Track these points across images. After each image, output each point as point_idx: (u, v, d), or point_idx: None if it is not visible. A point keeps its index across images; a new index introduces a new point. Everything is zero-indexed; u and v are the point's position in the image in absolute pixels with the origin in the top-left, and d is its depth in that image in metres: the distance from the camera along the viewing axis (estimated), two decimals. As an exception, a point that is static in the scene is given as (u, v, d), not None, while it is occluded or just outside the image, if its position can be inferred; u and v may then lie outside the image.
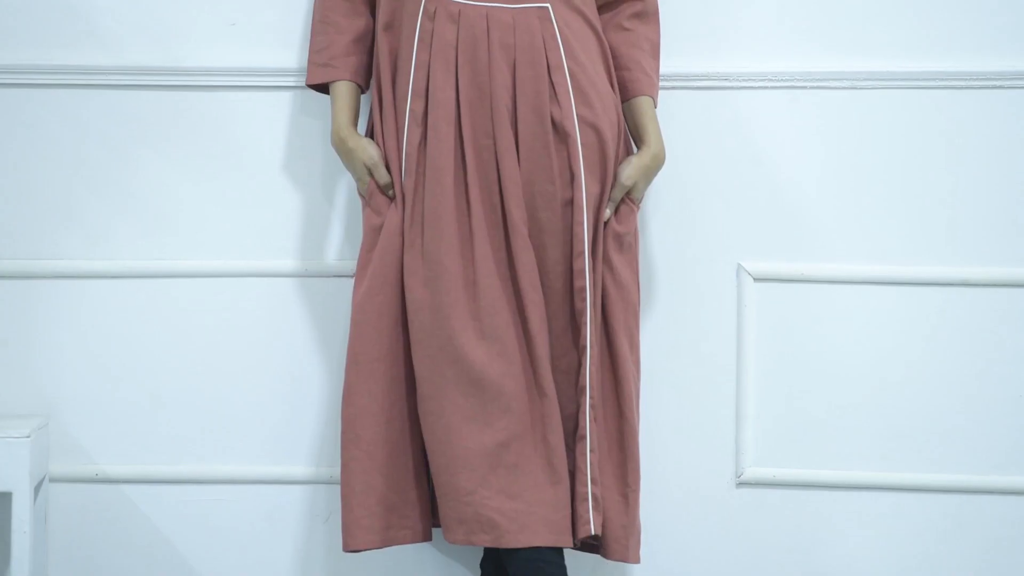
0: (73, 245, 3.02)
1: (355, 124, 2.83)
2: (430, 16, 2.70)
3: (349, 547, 2.73)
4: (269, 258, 3.03)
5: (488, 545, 2.67)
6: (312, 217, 3.03)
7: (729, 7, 3.01)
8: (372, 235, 2.77)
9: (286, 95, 3.00)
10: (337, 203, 3.03)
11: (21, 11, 2.97)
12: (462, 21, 2.69)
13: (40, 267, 3.02)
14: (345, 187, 3.00)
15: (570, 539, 2.71)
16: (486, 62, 2.69)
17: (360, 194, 2.81)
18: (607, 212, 2.76)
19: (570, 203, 2.72)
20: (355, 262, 2.81)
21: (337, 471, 2.86)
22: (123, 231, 3.03)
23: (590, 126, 2.72)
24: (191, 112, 3.01)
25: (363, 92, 2.87)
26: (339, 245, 3.03)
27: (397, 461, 2.75)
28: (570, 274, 2.73)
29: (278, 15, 2.98)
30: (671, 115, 2.93)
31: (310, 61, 2.84)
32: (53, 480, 3.01)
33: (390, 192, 2.75)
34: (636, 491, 2.78)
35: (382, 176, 2.75)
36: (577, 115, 2.71)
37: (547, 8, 2.71)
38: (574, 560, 2.83)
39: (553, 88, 2.71)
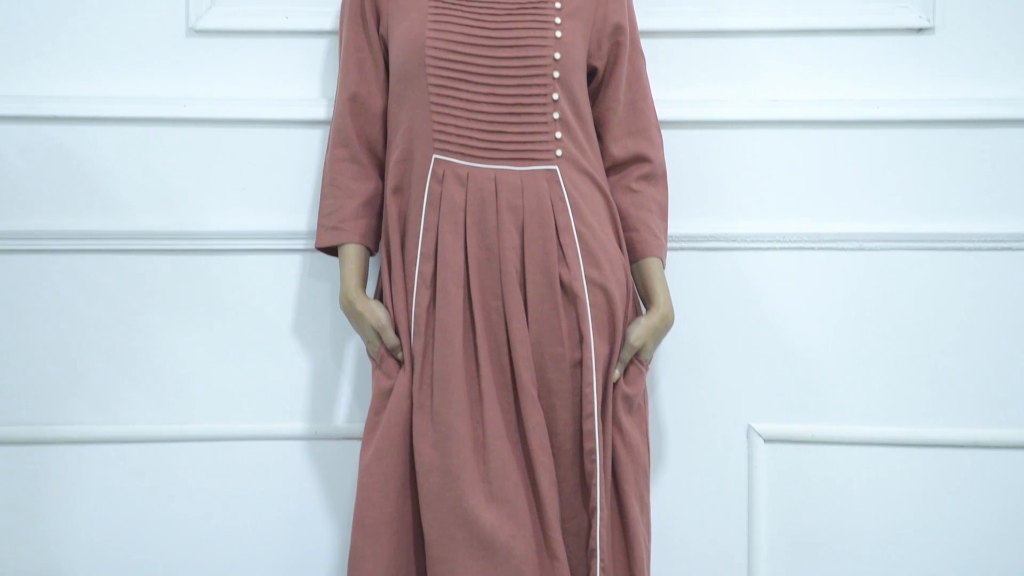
0: (81, 410, 3.07)
1: (364, 287, 2.88)
2: (439, 179, 2.77)
3: None
4: (278, 421, 3.08)
5: None
6: (321, 379, 3.08)
7: (736, 170, 3.08)
8: (381, 398, 2.80)
9: (296, 258, 3.06)
10: (346, 365, 3.08)
11: (33, 178, 3.04)
12: (470, 184, 2.76)
13: (48, 433, 3.06)
14: (354, 349, 3.06)
15: None
16: (495, 224, 2.75)
17: (370, 356, 2.85)
18: (616, 373, 2.80)
19: (579, 364, 2.76)
20: (364, 424, 2.83)
21: (345, 636, 2.89)
22: (131, 395, 3.07)
23: (599, 287, 2.77)
24: (201, 275, 3.06)
25: (372, 254, 2.92)
26: (348, 407, 3.07)
27: (405, 626, 2.78)
28: (580, 435, 2.77)
29: (288, 179, 3.05)
30: (680, 276, 2.99)
31: (319, 224, 2.90)
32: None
33: (399, 355, 2.80)
34: None
35: (390, 339, 2.80)
36: (586, 276, 2.77)
37: (555, 170, 2.77)
38: None
39: (562, 250, 2.76)
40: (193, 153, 3.06)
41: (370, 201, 2.90)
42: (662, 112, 2.97)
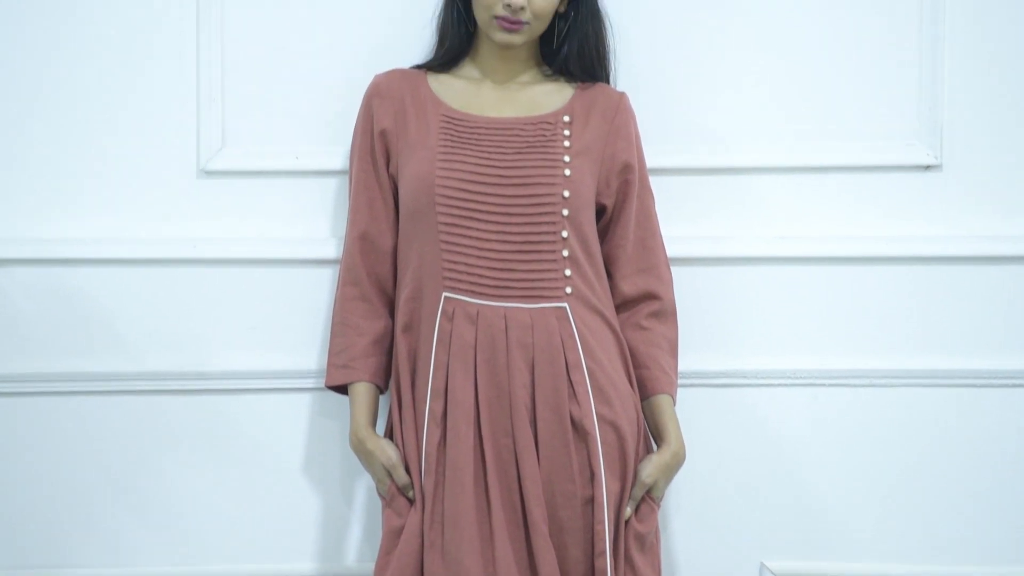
0: (91, 552, 3.10)
1: (374, 425, 2.90)
2: (448, 317, 2.80)
3: None
4: (288, 561, 3.10)
5: None
6: (331, 518, 3.10)
7: (746, 306, 3.13)
8: (391, 537, 2.81)
9: (305, 397, 3.10)
10: (356, 504, 3.10)
11: (41, 321, 3.08)
12: (480, 321, 2.79)
13: None
14: (364, 488, 3.08)
15: None
16: (504, 361, 2.78)
17: (380, 495, 2.86)
18: (628, 511, 2.81)
19: (590, 502, 2.77)
20: (374, 564, 2.83)
21: None
22: (142, 537, 3.09)
23: (609, 424, 2.79)
24: (211, 415, 3.10)
25: (382, 392, 2.94)
26: (358, 546, 3.09)
27: None
28: (592, 574, 2.77)
29: (298, 318, 3.09)
30: (691, 412, 3.01)
31: (329, 363, 2.93)
32: None
33: (410, 493, 2.81)
34: None
35: (401, 478, 2.81)
36: (596, 413, 2.78)
37: (564, 308, 2.80)
38: None
39: (572, 387, 2.78)
40: (203, 293, 3.10)
41: (380, 339, 2.93)
42: (672, 248, 3.02)
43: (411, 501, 2.82)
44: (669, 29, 3.12)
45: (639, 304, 2.96)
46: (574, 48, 2.94)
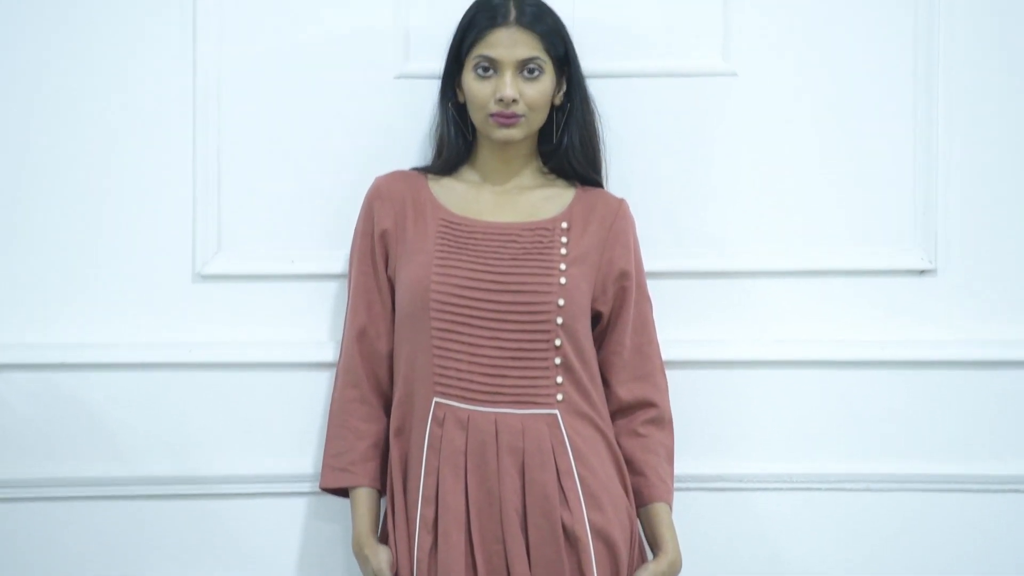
0: None
1: (375, 531, 2.92)
2: (439, 422, 2.82)
3: None
4: None
5: None
6: None
7: (743, 410, 3.16)
8: None
9: (302, 501, 3.10)
10: None
11: (38, 426, 3.10)
12: (471, 426, 2.80)
13: None
14: None
15: None
16: (495, 467, 2.79)
17: None
18: None
19: None
20: None
21: None
22: None
23: (601, 531, 2.80)
24: (208, 520, 3.11)
25: (382, 496, 2.95)
26: None
27: None
28: None
29: (295, 422, 3.11)
30: (687, 516, 3.02)
31: (326, 464, 2.95)
32: None
33: None
34: None
35: None
36: (588, 521, 2.79)
37: (555, 415, 2.82)
38: None
39: (563, 493, 2.79)
40: (198, 397, 3.12)
41: (379, 443, 2.95)
42: (668, 351, 3.04)
43: None
44: (664, 132, 3.16)
45: (636, 411, 2.97)
46: (575, 139, 2.98)
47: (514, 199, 2.99)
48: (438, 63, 3.00)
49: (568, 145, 2.98)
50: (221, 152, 3.14)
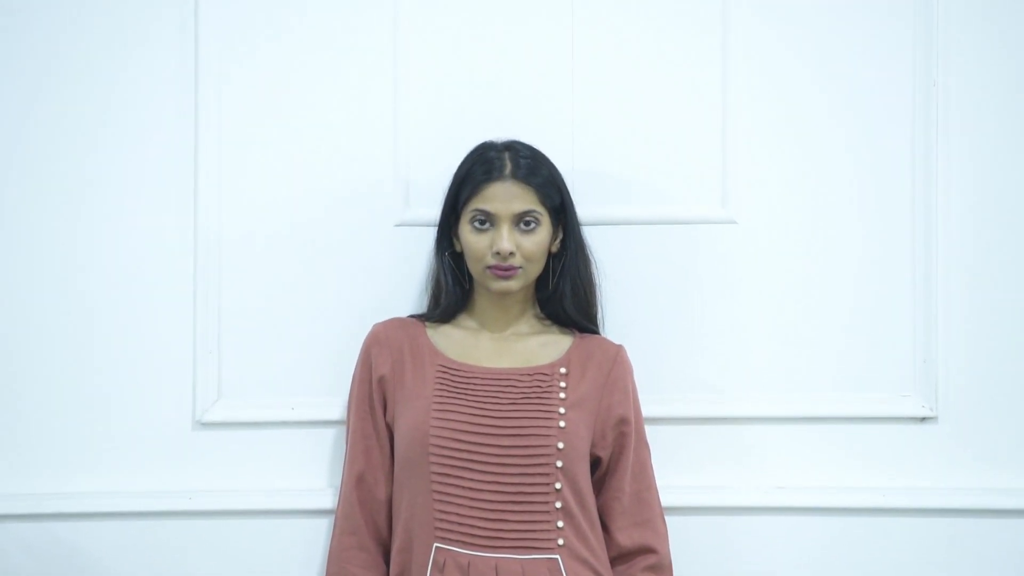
0: None
1: None
2: (440, 567, 2.83)
3: None
4: None
5: None
6: None
7: (743, 557, 3.19)
8: None
9: None
10: None
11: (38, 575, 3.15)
12: (471, 572, 2.81)
13: None
14: None
15: None
16: None
17: None
18: None
19: None
20: None
21: None
22: None
23: None
24: None
25: None
26: None
27: None
28: None
29: (294, 569, 3.15)
30: None
31: None
32: None
33: None
34: None
35: None
36: None
37: (557, 560, 2.84)
38: None
39: None
40: (198, 546, 3.16)
41: None
42: (669, 498, 3.07)
43: None
44: (662, 278, 3.23)
45: (635, 557, 2.98)
46: (568, 287, 3.04)
47: (512, 345, 3.04)
48: (438, 210, 3.06)
49: (563, 292, 3.04)
50: (221, 300, 3.21)
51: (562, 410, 2.93)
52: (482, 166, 2.97)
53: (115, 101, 3.24)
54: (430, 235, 3.12)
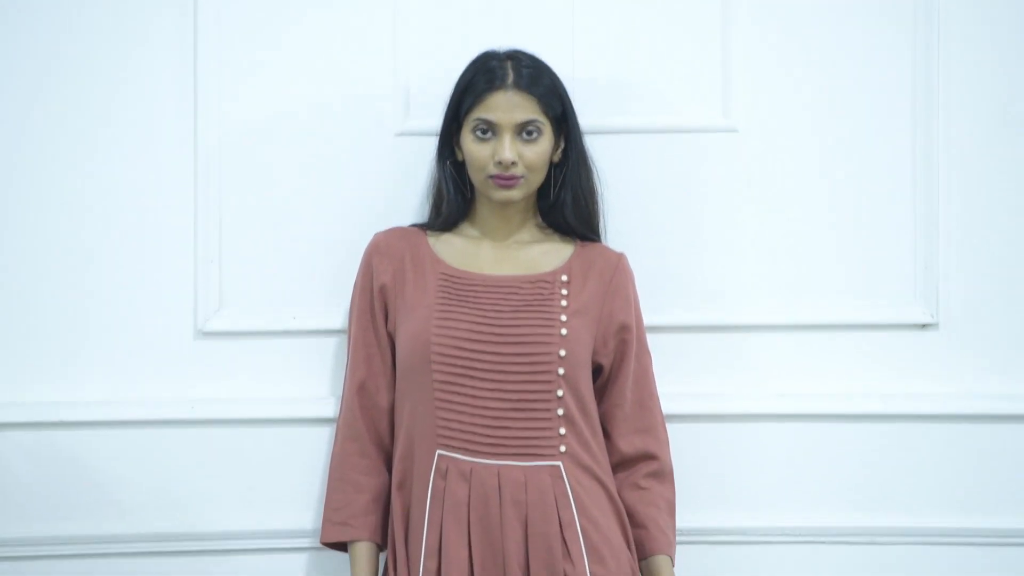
0: None
1: None
2: (442, 475, 2.87)
3: None
4: None
5: None
6: None
7: (745, 464, 3.22)
8: None
9: (301, 556, 3.16)
10: None
11: (39, 484, 3.16)
12: (473, 479, 2.86)
13: None
14: None
15: None
16: (498, 519, 2.84)
17: None
18: None
19: None
20: None
21: None
22: None
23: None
24: None
25: (382, 550, 3.00)
26: None
27: None
28: None
29: (296, 478, 3.17)
30: (689, 570, 3.08)
31: (326, 518, 2.99)
32: None
33: None
34: None
35: None
36: (591, 573, 2.85)
37: (559, 466, 2.88)
38: None
39: (566, 545, 2.85)
40: (200, 454, 3.18)
41: (379, 496, 3.00)
42: (670, 406, 3.11)
43: None
44: (663, 187, 3.25)
45: (637, 464, 3.03)
46: (569, 196, 3.05)
47: (514, 254, 3.07)
48: (438, 120, 3.07)
49: (564, 201, 3.06)
50: (222, 209, 3.23)
51: (564, 318, 2.95)
52: (484, 75, 2.97)
53: (113, 4, 3.24)
54: (431, 144, 3.11)
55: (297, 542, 3.18)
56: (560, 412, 2.91)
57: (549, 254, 3.06)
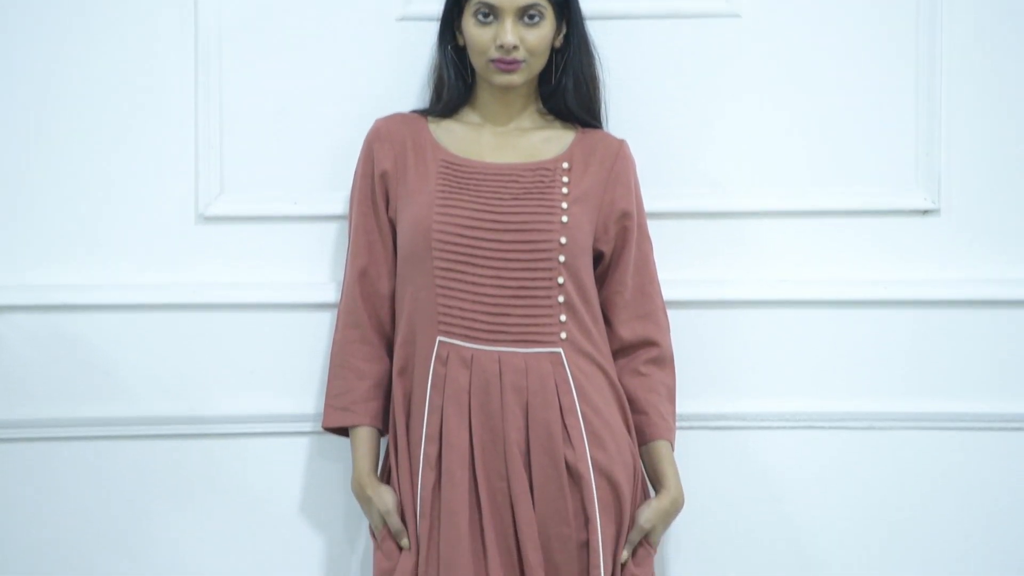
0: None
1: (376, 470, 3.00)
2: (443, 361, 2.91)
3: None
4: None
5: None
6: (332, 561, 3.21)
7: (745, 350, 3.25)
8: None
9: (305, 440, 3.20)
10: (358, 547, 3.21)
11: (40, 367, 3.20)
12: (474, 365, 2.90)
13: None
14: (366, 531, 3.12)
15: None
16: (499, 405, 2.88)
17: (372, 535, 2.98)
18: (624, 554, 2.92)
19: (585, 545, 2.87)
20: None
21: None
22: None
23: (604, 469, 2.89)
24: (211, 459, 3.20)
25: (383, 436, 3.04)
26: None
27: None
28: None
29: (297, 362, 3.19)
30: (689, 455, 3.10)
31: (327, 404, 3.03)
32: None
33: (403, 541, 2.92)
34: None
35: (395, 524, 2.92)
36: (591, 458, 2.89)
37: (559, 353, 2.91)
38: None
39: (566, 431, 2.89)
40: (202, 338, 3.21)
41: (380, 382, 3.03)
42: (670, 292, 3.13)
43: (401, 548, 2.93)
44: (665, 73, 3.25)
45: (637, 350, 3.06)
46: (570, 81, 3.06)
47: (514, 140, 3.07)
48: (439, 4, 3.06)
49: (565, 87, 3.06)
50: (223, 94, 3.23)
51: (564, 205, 2.97)
52: (486, -42, 2.97)
53: None
54: (432, 29, 3.11)
55: (298, 426, 3.21)
56: (561, 299, 2.93)
57: (550, 141, 3.07)
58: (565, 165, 3.02)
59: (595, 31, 3.10)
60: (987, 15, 3.25)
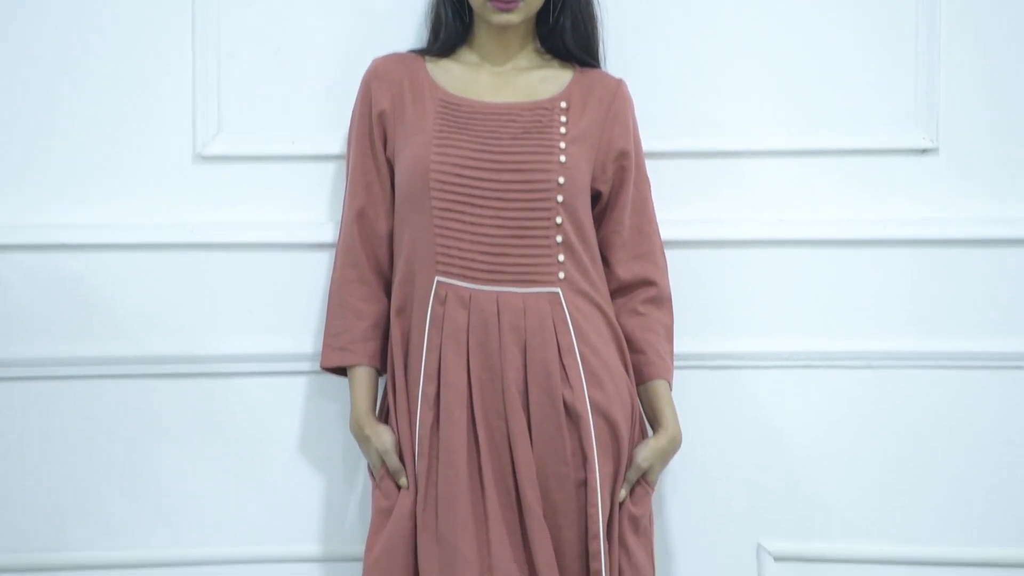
0: (88, 536, 3.22)
1: (374, 410, 3.02)
2: (441, 300, 2.92)
3: None
4: (288, 543, 3.22)
5: None
6: (331, 500, 3.23)
7: (743, 289, 3.26)
8: (380, 518, 2.95)
9: (303, 380, 3.21)
10: (357, 486, 3.23)
11: (39, 306, 3.20)
12: (472, 305, 2.91)
13: (55, 559, 3.21)
14: (364, 470, 3.15)
15: None
16: (497, 345, 2.90)
17: (371, 474, 3.00)
18: (622, 493, 2.94)
19: (583, 484, 2.89)
20: None
21: None
22: (139, 521, 3.22)
23: (602, 408, 2.91)
24: (209, 399, 3.22)
25: (381, 375, 3.06)
26: (360, 527, 3.20)
27: None
28: (586, 556, 2.89)
29: (295, 302, 3.21)
30: (687, 394, 3.13)
31: (326, 344, 3.05)
32: None
33: (401, 480, 2.94)
34: None
35: (393, 463, 2.94)
36: (589, 397, 2.90)
37: (557, 293, 2.93)
38: None
39: (564, 371, 2.91)
40: (200, 278, 3.22)
41: (378, 322, 3.05)
42: (668, 231, 3.14)
43: (400, 487, 2.94)
44: (663, 13, 3.25)
45: (635, 290, 3.07)
46: (568, 20, 3.06)
47: (512, 80, 3.08)
48: (438, -58, 3.04)
49: (563, 26, 3.06)
50: (221, 32, 3.23)
51: (563, 144, 2.98)
52: None
53: None
54: (429, -32, 3.10)
55: (296, 366, 3.23)
56: (559, 239, 2.95)
57: (548, 80, 3.08)
58: (563, 104, 3.03)
59: (593, -31, 3.09)
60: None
